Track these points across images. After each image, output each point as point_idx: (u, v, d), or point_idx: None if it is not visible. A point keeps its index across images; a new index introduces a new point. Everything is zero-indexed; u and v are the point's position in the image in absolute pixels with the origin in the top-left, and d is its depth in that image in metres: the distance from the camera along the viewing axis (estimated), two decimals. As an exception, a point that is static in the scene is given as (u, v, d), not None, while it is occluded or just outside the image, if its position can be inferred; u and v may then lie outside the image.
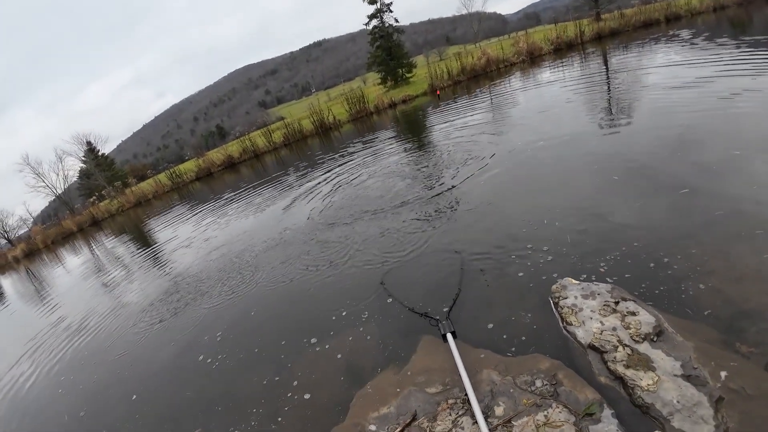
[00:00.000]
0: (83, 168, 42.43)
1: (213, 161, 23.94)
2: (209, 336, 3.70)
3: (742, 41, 9.93)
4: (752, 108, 4.80)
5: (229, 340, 3.52)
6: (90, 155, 41.94)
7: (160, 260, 7.39)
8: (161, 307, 4.90)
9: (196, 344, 3.66)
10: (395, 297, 3.18)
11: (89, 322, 5.37)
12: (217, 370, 3.14)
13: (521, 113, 8.75)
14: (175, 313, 4.55)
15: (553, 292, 2.52)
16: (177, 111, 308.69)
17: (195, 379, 3.14)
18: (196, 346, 3.64)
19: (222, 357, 3.29)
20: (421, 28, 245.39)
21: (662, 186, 3.53)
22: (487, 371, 2.11)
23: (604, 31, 22.68)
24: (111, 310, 5.51)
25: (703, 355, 1.85)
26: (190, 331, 3.98)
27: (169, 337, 4.03)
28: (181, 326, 4.16)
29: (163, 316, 4.62)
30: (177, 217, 11.83)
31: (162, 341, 4.01)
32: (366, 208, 5.57)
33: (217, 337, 3.63)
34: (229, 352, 3.33)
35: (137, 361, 3.82)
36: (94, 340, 4.70)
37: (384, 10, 31.73)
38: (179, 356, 3.59)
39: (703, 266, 2.44)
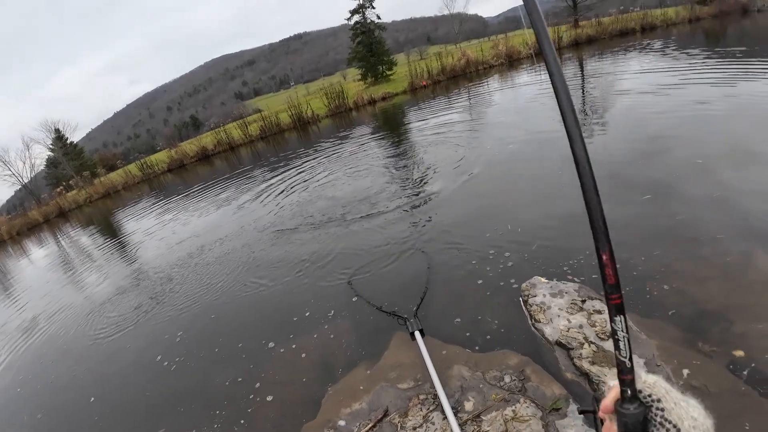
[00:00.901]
0: (51, 156, 40.46)
1: (186, 153, 23.22)
2: (168, 336, 3.56)
3: (714, 52, 10.41)
4: (717, 117, 5.05)
5: (189, 341, 3.40)
6: (58, 143, 39.95)
7: (123, 256, 7.11)
8: (121, 306, 4.69)
9: (155, 345, 3.52)
10: (362, 296, 3.14)
11: (48, 319, 5.12)
12: (176, 372, 3.03)
13: (496, 114, 8.91)
14: (134, 313, 4.36)
15: (522, 290, 2.57)
16: (150, 99, 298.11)
17: (155, 381, 3.03)
18: (154, 346, 3.49)
19: (181, 359, 3.16)
20: (403, 26, 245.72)
21: (628, 190, 3.65)
22: (457, 367, 2.13)
23: (582, 37, 23.29)
24: (71, 307, 5.26)
25: (666, 353, 1.92)
26: (148, 331, 3.82)
27: (127, 337, 3.87)
28: (140, 326, 4.00)
29: (121, 315, 4.43)
30: (145, 210, 11.41)
31: (120, 341, 3.84)
32: (334, 207, 5.50)
33: (176, 338, 3.50)
34: (189, 353, 3.21)
35: (95, 360, 3.66)
36: (52, 338, 4.48)
37: (366, 6, 31.51)
38: (138, 356, 3.44)
39: (668, 268, 2.53)
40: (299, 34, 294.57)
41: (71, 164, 38.65)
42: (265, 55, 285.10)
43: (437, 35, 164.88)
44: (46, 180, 41.88)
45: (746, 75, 6.93)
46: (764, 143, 4.00)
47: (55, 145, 39.80)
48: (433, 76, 22.14)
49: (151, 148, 64.10)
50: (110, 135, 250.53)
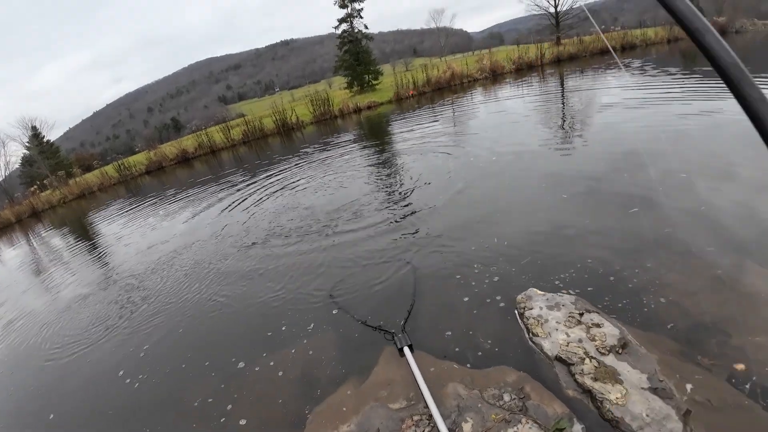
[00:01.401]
0: (26, 155, 39.00)
1: (165, 155, 22.62)
2: (133, 350, 3.30)
3: (691, 71, 10.77)
4: (698, 132, 5.14)
5: (154, 356, 3.13)
6: (34, 141, 38.52)
7: (91, 261, 6.73)
8: (82, 315, 4.37)
9: (117, 359, 3.25)
10: (345, 310, 2.96)
11: (6, 329, 4.75)
12: (140, 390, 2.77)
13: (480, 127, 8.94)
14: (96, 322, 4.05)
15: (518, 302, 2.47)
16: (131, 100, 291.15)
17: (116, 399, 2.76)
18: (117, 360, 3.22)
19: (144, 377, 2.89)
20: (390, 37, 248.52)
21: (614, 204, 3.63)
22: (452, 384, 2.00)
23: (564, 55, 23.95)
24: (30, 315, 4.91)
25: (667, 368, 1.85)
26: (111, 343, 3.53)
27: (88, 350, 3.56)
28: (102, 337, 3.70)
29: (82, 325, 4.11)
30: (118, 213, 10.96)
31: (80, 354, 3.54)
32: (314, 216, 5.31)
33: (141, 352, 3.23)
34: (154, 370, 2.95)
35: (54, 375, 3.35)
36: (10, 349, 4.12)
37: (354, 15, 31.70)
38: (99, 371, 3.16)
39: (661, 280, 2.49)
40: (286, 40, 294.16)
41: (47, 163, 37.31)
42: (251, 59, 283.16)
43: (423, 48, 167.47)
44: (21, 179, 40.35)
45: (721, 92, 7.15)
46: (743, 158, 4.08)
47: (31, 143, 38.46)
48: (418, 87, 22.31)
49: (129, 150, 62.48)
50: (89, 134, 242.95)
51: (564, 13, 36.27)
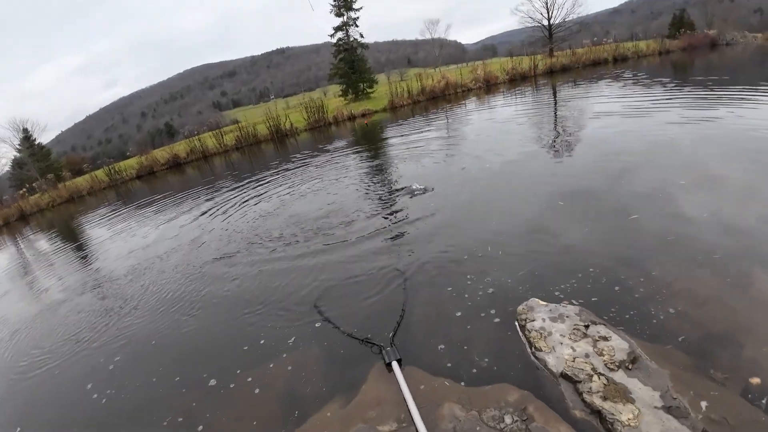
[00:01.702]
0: (17, 157, 38.42)
1: (157, 159, 22.32)
2: (103, 361, 3.07)
3: (682, 82, 10.83)
4: (691, 141, 5.08)
5: (123, 370, 2.90)
6: (25, 143, 37.98)
7: (71, 267, 6.44)
8: (54, 324, 4.10)
9: (85, 371, 3.01)
10: (331, 322, 2.75)
11: None
12: (107, 407, 2.53)
13: (474, 134, 8.85)
14: (68, 334, 3.78)
15: (519, 314, 2.31)
16: (124, 104, 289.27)
17: (81, 415, 2.53)
18: (84, 373, 2.99)
19: (112, 392, 2.66)
20: (385, 47, 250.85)
21: (613, 211, 3.52)
22: (448, 405, 1.83)
23: (556, 66, 24.19)
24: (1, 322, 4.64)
25: (680, 384, 1.71)
26: (81, 356, 3.29)
27: (56, 362, 3.31)
28: (72, 350, 3.44)
29: (54, 335, 3.84)
30: (105, 218, 10.66)
31: (49, 366, 3.28)
32: (300, 223, 5.10)
33: (110, 365, 3.00)
34: (123, 385, 2.71)
35: (21, 386, 3.11)
36: None
37: (350, 24, 31.84)
38: (65, 384, 2.93)
39: (667, 290, 2.36)
40: (282, 48, 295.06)
41: (37, 166, 36.79)
42: (246, 66, 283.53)
43: (417, 58, 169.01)
44: (10, 181, 39.78)
45: (715, 102, 7.13)
46: (745, 164, 4.01)
47: (22, 145, 37.97)
48: (413, 96, 22.35)
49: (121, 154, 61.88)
50: (80, 138, 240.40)
51: (557, 25, 36.83)
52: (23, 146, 38.13)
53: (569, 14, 36.02)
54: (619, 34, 71.65)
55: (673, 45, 27.20)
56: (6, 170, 38.99)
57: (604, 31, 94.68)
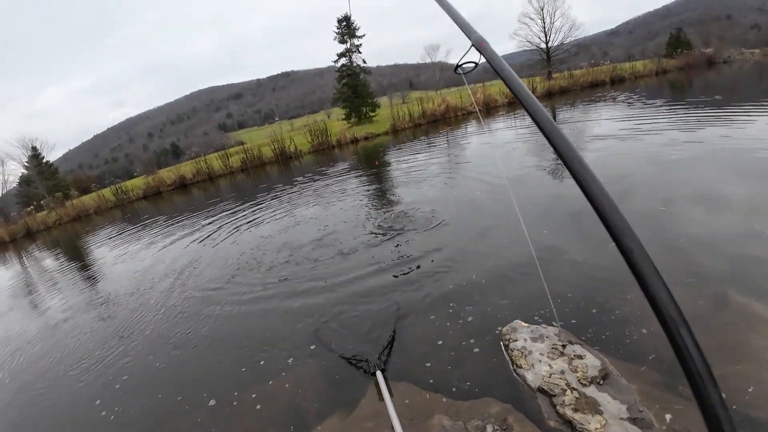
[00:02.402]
0: (24, 174, 39.02)
1: (163, 180, 22.81)
2: (112, 379, 3.25)
3: (679, 102, 11.20)
4: (680, 162, 5.34)
5: (130, 388, 3.08)
6: (33, 161, 38.68)
7: (76, 285, 6.71)
8: (59, 341, 4.33)
9: (93, 388, 3.20)
10: (325, 343, 2.94)
11: None
12: (115, 424, 2.71)
13: (471, 157, 9.20)
14: (75, 353, 3.99)
15: (503, 334, 2.52)
16: (131, 124, 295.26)
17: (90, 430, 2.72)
18: (93, 389, 3.18)
19: (120, 409, 2.84)
20: (387, 71, 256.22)
21: (592, 237, 3.73)
22: (438, 416, 2.03)
23: (555, 88, 24.80)
24: (10, 339, 4.85)
25: (647, 398, 1.89)
26: (91, 373, 3.47)
27: (63, 380, 3.50)
28: (80, 368, 3.63)
29: (59, 353, 4.06)
30: (109, 238, 10.95)
31: (55, 382, 3.49)
32: (299, 245, 5.34)
33: (117, 384, 3.18)
34: (130, 402, 2.89)
35: (26, 399, 3.31)
36: None
37: (353, 50, 32.91)
38: (74, 400, 3.12)
39: (643, 312, 2.55)
40: (287, 72, 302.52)
41: (44, 184, 37.29)
42: (252, 89, 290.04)
43: (419, 81, 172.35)
44: (17, 198, 40.20)
45: (707, 122, 7.43)
46: (725, 188, 4.26)
47: (30, 163, 38.57)
48: (414, 120, 22.89)
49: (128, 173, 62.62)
50: (87, 157, 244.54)
51: (555, 48, 37.81)
52: (31, 164, 38.69)
53: (567, 37, 37.07)
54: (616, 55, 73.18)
55: (670, 64, 27.86)
56: (13, 187, 39.49)
57: (602, 52, 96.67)
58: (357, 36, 32.46)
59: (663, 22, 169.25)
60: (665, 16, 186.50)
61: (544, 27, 37.35)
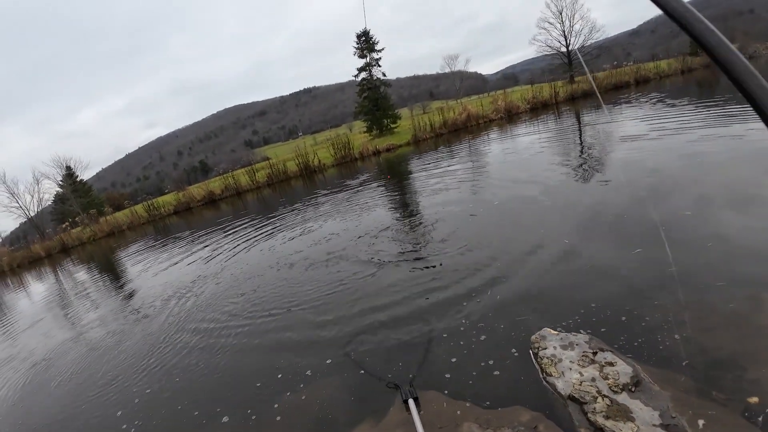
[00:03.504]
0: (59, 192, 41.10)
1: (193, 196, 23.67)
2: (137, 391, 3.41)
3: (706, 100, 10.81)
4: (710, 163, 5.18)
5: (152, 402, 3.20)
6: (68, 180, 40.78)
7: (106, 298, 7.15)
8: (84, 357, 4.55)
9: (116, 402, 3.35)
10: (353, 359, 2.97)
11: (23, 362, 5.02)
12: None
13: (497, 165, 9.14)
14: (99, 365, 4.20)
15: (532, 342, 2.52)
16: (162, 143, 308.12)
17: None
18: (115, 404, 3.32)
19: (140, 423, 2.95)
20: (407, 82, 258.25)
21: (621, 241, 3.67)
22: (467, 424, 2.05)
23: (578, 92, 24.39)
24: (47, 353, 5.10)
25: (680, 405, 1.87)
26: (116, 389, 3.63)
27: (86, 394, 3.69)
28: (100, 377, 3.86)
29: (85, 366, 4.29)
30: (142, 253, 11.43)
31: (77, 394, 3.71)
32: (325, 258, 5.41)
33: (136, 398, 3.30)
34: (149, 416, 3.00)
35: (52, 413, 3.50)
36: (23, 385, 4.31)
37: (373, 64, 33.46)
38: (98, 412, 3.27)
39: (675, 317, 2.50)
40: (309, 88, 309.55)
41: (79, 201, 39.12)
42: (275, 106, 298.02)
43: (439, 91, 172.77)
44: (52, 215, 42.28)
45: (736, 120, 7.15)
46: (756, 188, 4.11)
47: (65, 181, 40.53)
48: (435, 130, 22.97)
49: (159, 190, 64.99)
50: (119, 175, 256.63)
51: (576, 51, 37.25)
52: (66, 182, 40.57)
53: (587, 40, 36.51)
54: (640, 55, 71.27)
55: (695, 63, 27.01)
56: (48, 204, 41.46)
57: (625, 53, 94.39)
58: (376, 50, 33.02)
59: None
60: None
61: (563, 31, 37.01)
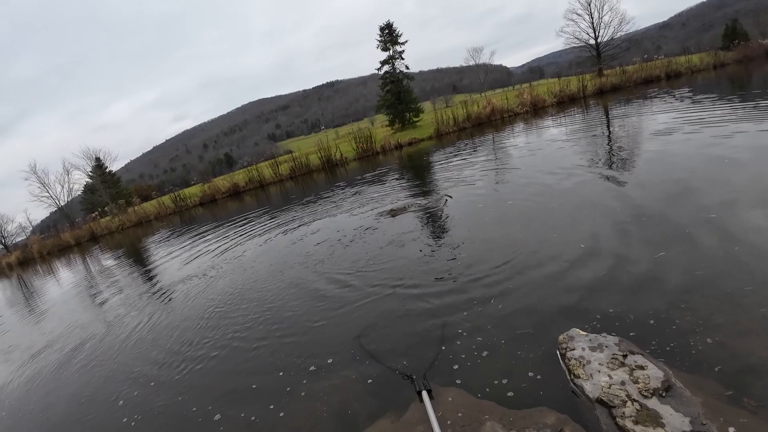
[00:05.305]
0: (89, 183, 42.75)
1: (218, 188, 24.22)
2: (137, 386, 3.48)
3: (740, 97, 10.29)
4: (740, 163, 4.93)
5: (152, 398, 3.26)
6: (97, 171, 42.38)
7: (130, 285, 7.43)
8: (108, 343, 4.71)
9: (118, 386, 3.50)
10: (368, 351, 2.97)
11: (47, 349, 5.23)
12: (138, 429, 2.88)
13: (522, 160, 8.94)
14: (117, 352, 4.35)
15: (560, 342, 2.48)
16: (188, 137, 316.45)
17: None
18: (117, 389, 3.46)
19: (138, 417, 3.00)
20: (430, 75, 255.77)
21: (645, 242, 3.56)
22: (490, 424, 2.04)
23: (606, 86, 23.62)
24: (76, 339, 5.29)
25: (711, 411, 1.81)
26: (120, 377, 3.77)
27: (97, 379, 3.86)
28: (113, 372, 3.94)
29: (104, 353, 4.45)
30: (168, 243, 11.77)
31: (88, 378, 3.90)
32: (346, 257, 5.33)
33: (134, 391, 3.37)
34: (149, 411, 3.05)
35: (69, 396, 3.67)
36: (45, 371, 4.49)
37: (396, 57, 33.28)
38: (100, 409, 3.33)
39: (706, 321, 2.41)
40: (331, 81, 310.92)
41: (108, 192, 40.62)
42: (298, 100, 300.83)
43: (462, 84, 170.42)
44: (82, 205, 44.09)
45: None
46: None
47: (94, 172, 42.14)
48: (458, 123, 22.69)
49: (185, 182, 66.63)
50: (147, 167, 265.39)
51: (605, 44, 36.02)
52: (95, 173, 42.14)
53: (617, 32, 35.20)
54: (670, 49, 68.24)
55: (727, 57, 25.81)
56: (78, 194, 43.14)
57: (655, 46, 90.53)
58: (399, 42, 32.80)
59: (717, 13, 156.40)
60: (719, 6, 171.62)
61: (592, 22, 35.77)
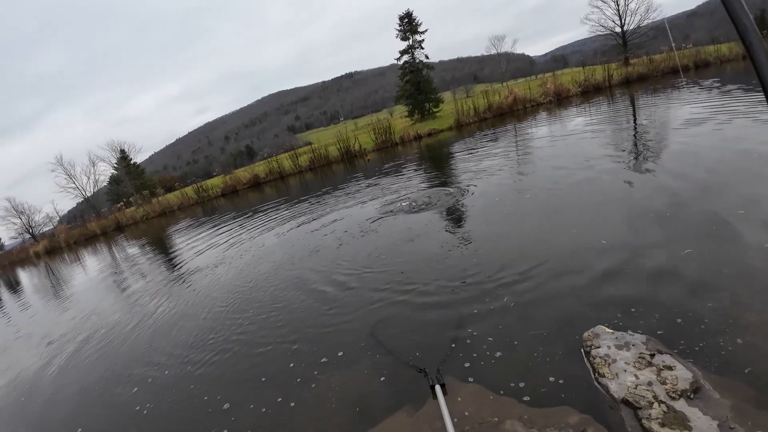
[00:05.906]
0: (114, 174, 44.15)
1: (239, 179, 24.63)
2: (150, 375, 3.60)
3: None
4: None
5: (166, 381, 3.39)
6: (122, 163, 43.70)
7: (152, 274, 7.74)
8: (123, 332, 4.90)
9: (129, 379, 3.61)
10: (382, 343, 2.97)
11: (69, 339, 5.42)
12: (149, 418, 2.98)
13: (545, 152, 8.73)
14: (137, 339, 4.53)
15: (584, 340, 2.41)
16: (210, 129, 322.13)
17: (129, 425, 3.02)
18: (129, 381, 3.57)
19: (150, 405, 3.10)
20: (450, 65, 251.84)
21: (672, 238, 3.43)
22: (510, 422, 2.01)
23: (633, 75, 22.78)
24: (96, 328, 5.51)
25: (739, 414, 1.74)
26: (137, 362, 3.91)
27: (114, 366, 4.02)
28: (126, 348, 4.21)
29: (121, 341, 4.63)
30: (189, 233, 12.04)
31: (105, 367, 4.05)
32: (365, 251, 5.25)
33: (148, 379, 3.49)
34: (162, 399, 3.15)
35: (91, 388, 3.77)
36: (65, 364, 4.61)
37: (416, 47, 32.85)
38: (112, 395, 3.47)
39: (736, 321, 2.31)
40: (350, 73, 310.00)
41: (132, 183, 41.85)
42: (317, 92, 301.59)
43: (483, 74, 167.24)
44: (107, 196, 45.64)
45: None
46: None
47: (119, 164, 43.49)
48: (479, 114, 22.32)
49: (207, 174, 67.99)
50: (170, 159, 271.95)
51: (631, 32, 34.64)
52: (120, 165, 43.44)
53: (643, 20, 33.76)
54: (699, 38, 65.14)
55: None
56: (104, 185, 44.70)
57: (683, 35, 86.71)
58: (419, 32, 32.34)
59: (746, 2, 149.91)
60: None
61: (618, 10, 34.36)
